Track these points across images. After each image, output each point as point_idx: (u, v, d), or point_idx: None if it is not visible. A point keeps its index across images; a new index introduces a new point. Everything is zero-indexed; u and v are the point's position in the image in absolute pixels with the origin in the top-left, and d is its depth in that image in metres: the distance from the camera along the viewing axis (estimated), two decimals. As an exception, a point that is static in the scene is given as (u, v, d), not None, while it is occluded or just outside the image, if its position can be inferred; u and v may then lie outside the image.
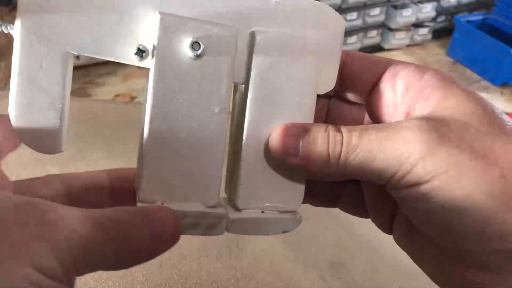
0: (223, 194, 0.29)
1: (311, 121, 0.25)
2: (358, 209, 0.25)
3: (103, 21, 0.27)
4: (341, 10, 1.17)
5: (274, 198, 0.29)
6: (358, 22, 1.21)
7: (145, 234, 0.18)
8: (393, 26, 1.27)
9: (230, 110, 0.28)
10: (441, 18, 1.38)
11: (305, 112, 0.27)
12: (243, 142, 0.28)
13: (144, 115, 0.27)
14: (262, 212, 0.30)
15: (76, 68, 1.14)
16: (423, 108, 0.20)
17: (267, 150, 0.24)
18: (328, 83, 0.27)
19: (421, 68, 0.21)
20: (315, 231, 0.56)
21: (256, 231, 0.30)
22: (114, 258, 0.17)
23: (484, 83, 1.21)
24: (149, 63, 0.26)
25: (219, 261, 0.46)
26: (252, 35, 0.27)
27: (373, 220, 0.24)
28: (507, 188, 0.17)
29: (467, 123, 0.18)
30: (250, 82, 0.28)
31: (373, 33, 1.27)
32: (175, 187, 0.27)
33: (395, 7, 1.25)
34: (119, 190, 0.24)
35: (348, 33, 1.22)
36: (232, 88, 0.28)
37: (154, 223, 0.19)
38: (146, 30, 0.27)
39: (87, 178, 0.24)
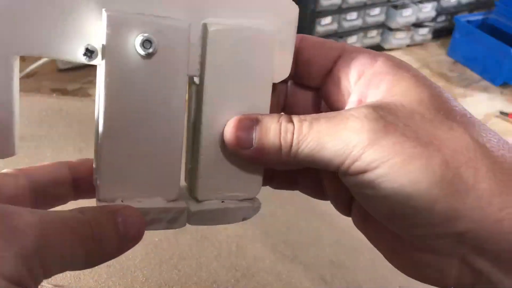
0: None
1: (267, 111, 0.25)
2: (318, 193, 0.26)
3: (48, 21, 0.25)
4: (341, 10, 1.17)
5: (233, 187, 0.29)
6: (358, 22, 1.21)
7: (112, 234, 0.19)
8: (393, 26, 1.27)
9: (187, 103, 0.27)
10: (441, 18, 1.38)
11: (260, 103, 0.26)
12: (201, 135, 0.27)
13: (98, 113, 0.26)
14: (222, 202, 0.29)
15: (76, 68, 1.14)
16: (374, 95, 0.20)
17: (224, 141, 0.24)
18: (283, 71, 0.27)
19: (374, 54, 0.21)
20: (315, 231, 0.56)
21: (216, 221, 0.30)
22: (82, 258, 0.18)
23: (484, 83, 1.21)
24: (99, 61, 0.25)
25: (219, 261, 0.46)
26: (205, 27, 0.26)
27: (332, 203, 0.25)
28: (449, 174, 0.17)
29: (413, 110, 0.19)
30: (205, 74, 0.27)
31: (373, 33, 1.27)
32: (134, 184, 0.26)
33: (395, 7, 1.25)
34: (81, 182, 0.25)
35: (348, 33, 1.22)
36: (187, 82, 0.27)
37: (120, 223, 0.19)
38: (95, 28, 0.26)
39: (49, 171, 0.24)
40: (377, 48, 1.31)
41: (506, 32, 1.26)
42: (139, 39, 0.25)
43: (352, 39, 1.24)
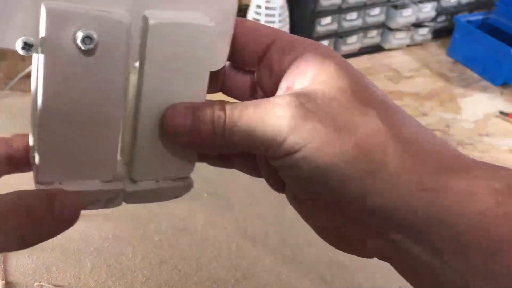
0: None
1: (203, 99, 0.26)
2: (253, 171, 0.27)
3: None
4: (341, 10, 1.17)
5: (167, 168, 0.30)
6: (358, 22, 1.21)
7: (48, 219, 0.20)
8: (393, 26, 1.27)
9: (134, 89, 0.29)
10: (441, 18, 1.38)
11: (197, 91, 0.27)
12: (138, 121, 0.28)
13: (35, 99, 0.27)
14: (157, 182, 0.31)
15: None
16: (301, 82, 0.22)
17: (159, 126, 0.26)
18: (220, 60, 0.28)
19: (304, 42, 0.23)
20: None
21: (151, 200, 0.31)
22: (17, 241, 0.19)
23: (484, 83, 1.21)
24: (37, 54, 0.26)
25: (219, 261, 0.46)
26: (145, 20, 0.27)
27: (266, 181, 0.26)
28: (360, 155, 0.19)
29: (333, 97, 0.20)
30: (145, 64, 0.27)
31: (373, 33, 1.27)
32: (72, 167, 0.28)
33: (395, 7, 1.25)
34: (16, 157, 0.26)
35: (348, 33, 1.22)
36: (127, 71, 0.28)
37: (56, 207, 0.21)
38: (33, 20, 0.26)
39: None
40: (377, 48, 1.31)
41: (506, 32, 1.26)
42: (79, 34, 0.25)
43: (352, 39, 1.24)
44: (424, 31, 1.34)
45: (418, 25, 1.32)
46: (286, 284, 0.47)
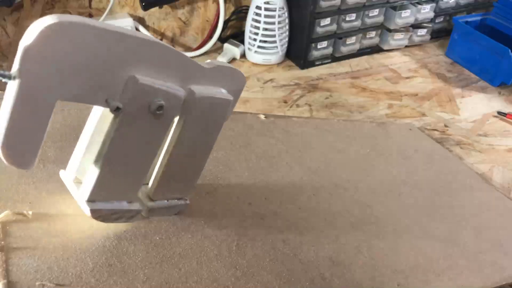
0: None
1: (214, 142, 0.48)
2: None
3: (90, 78, 0.35)
4: (340, 11, 1.17)
5: (175, 192, 0.46)
6: (357, 23, 1.22)
7: None
8: (392, 27, 1.27)
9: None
10: (440, 19, 1.39)
11: (214, 137, 0.46)
12: (168, 160, 0.43)
13: (92, 140, 0.39)
14: (167, 201, 0.46)
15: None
16: None
17: (174, 165, 0.41)
18: (227, 117, 0.45)
19: None
20: (314, 230, 0.56)
21: (162, 214, 0.46)
22: None
23: (483, 83, 1.22)
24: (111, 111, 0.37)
25: (219, 260, 0.47)
26: (192, 92, 0.40)
27: None
28: None
29: None
30: (187, 121, 0.41)
31: (372, 34, 1.28)
32: (111, 191, 0.40)
33: (394, 8, 1.25)
34: None
35: (347, 34, 1.23)
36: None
37: None
38: (119, 86, 0.36)
39: None
40: (376, 48, 1.31)
41: (504, 33, 1.26)
42: (156, 103, 0.37)
43: (351, 40, 1.24)
44: (422, 32, 1.34)
45: (416, 26, 1.33)
46: (286, 283, 0.47)
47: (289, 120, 0.81)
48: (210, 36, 1.22)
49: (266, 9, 1.14)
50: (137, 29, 1.12)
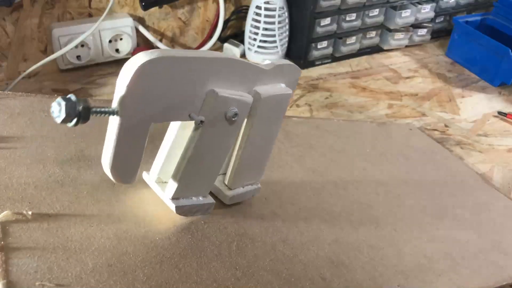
0: None
1: (278, 133, 0.55)
2: None
3: (180, 100, 0.42)
4: (340, 11, 1.17)
5: (249, 179, 0.53)
6: (357, 23, 1.22)
7: None
8: (392, 27, 1.27)
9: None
10: (440, 19, 1.39)
11: (276, 130, 0.54)
12: (243, 155, 0.50)
13: (184, 148, 0.45)
14: (243, 187, 0.53)
15: (77, 69, 1.14)
16: None
17: (246, 157, 0.48)
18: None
19: None
20: (314, 230, 0.56)
21: (240, 199, 0.53)
22: None
23: (483, 83, 1.22)
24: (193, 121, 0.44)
25: (219, 260, 0.47)
26: (257, 94, 0.47)
27: None
28: None
29: None
30: (255, 119, 0.48)
31: (372, 33, 1.28)
32: (190, 189, 0.47)
33: (394, 8, 1.25)
34: None
35: (347, 33, 1.23)
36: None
37: None
38: (199, 101, 0.43)
39: None
40: (376, 48, 1.31)
41: (504, 33, 1.26)
42: (232, 111, 0.44)
43: (351, 40, 1.24)
44: (422, 31, 1.34)
45: (417, 26, 1.33)
46: (286, 283, 0.47)
47: (289, 120, 0.81)
48: (210, 36, 1.22)
49: (266, 9, 1.14)
50: (137, 29, 1.12)
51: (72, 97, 0.36)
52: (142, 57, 0.37)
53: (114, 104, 0.38)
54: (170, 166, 0.46)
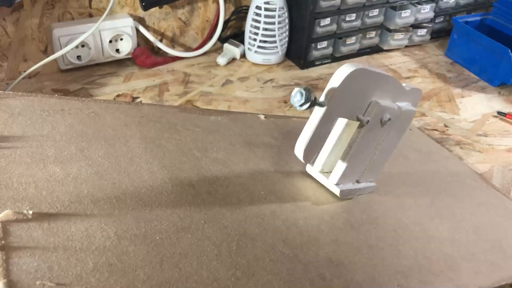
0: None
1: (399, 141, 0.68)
2: None
3: (356, 104, 0.56)
4: (340, 11, 1.17)
5: (371, 176, 0.64)
6: (357, 23, 1.22)
7: None
8: (392, 27, 1.27)
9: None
10: (440, 19, 1.39)
11: (399, 137, 0.66)
12: (377, 156, 0.62)
13: (347, 144, 0.59)
14: (366, 183, 0.64)
15: (77, 69, 1.14)
16: None
17: (378, 158, 0.64)
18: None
19: None
20: (314, 230, 0.56)
21: (362, 193, 0.64)
22: None
23: (482, 83, 1.22)
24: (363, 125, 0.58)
25: (219, 260, 0.47)
26: (399, 107, 0.59)
27: None
28: None
29: None
30: (394, 125, 0.60)
31: (372, 34, 1.28)
32: (348, 177, 0.61)
33: (394, 8, 1.25)
34: None
35: (347, 34, 1.23)
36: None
37: None
38: (364, 106, 0.57)
39: None
40: (376, 49, 1.31)
41: (504, 33, 1.26)
42: (387, 117, 0.57)
43: (351, 40, 1.24)
44: (422, 32, 1.35)
45: (416, 26, 1.33)
46: (286, 283, 0.47)
47: (289, 120, 0.81)
48: (210, 36, 1.22)
49: (266, 9, 1.14)
50: (137, 29, 1.12)
51: (308, 88, 0.49)
52: (350, 67, 0.51)
53: (322, 98, 0.51)
54: (330, 159, 0.61)
